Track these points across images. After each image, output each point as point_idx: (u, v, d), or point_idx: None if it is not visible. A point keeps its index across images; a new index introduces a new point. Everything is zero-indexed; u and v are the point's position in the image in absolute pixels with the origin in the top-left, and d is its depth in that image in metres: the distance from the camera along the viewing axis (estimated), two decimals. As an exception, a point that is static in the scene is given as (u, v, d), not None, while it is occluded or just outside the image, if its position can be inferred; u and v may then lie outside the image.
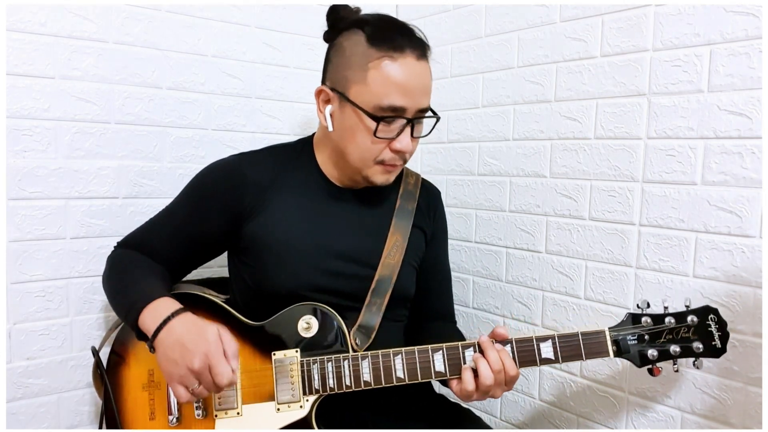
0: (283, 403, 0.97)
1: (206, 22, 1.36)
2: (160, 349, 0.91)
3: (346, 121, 1.01)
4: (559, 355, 0.93)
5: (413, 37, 1.00)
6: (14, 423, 1.18)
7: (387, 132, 0.99)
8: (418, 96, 0.99)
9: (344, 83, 1.00)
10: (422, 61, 0.99)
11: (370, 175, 1.04)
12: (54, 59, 1.18)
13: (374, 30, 0.99)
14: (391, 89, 0.96)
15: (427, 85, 1.01)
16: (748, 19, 0.99)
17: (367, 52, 0.97)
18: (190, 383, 0.88)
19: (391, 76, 0.96)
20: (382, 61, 0.96)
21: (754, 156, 0.99)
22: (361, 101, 0.98)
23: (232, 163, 1.08)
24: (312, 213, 1.07)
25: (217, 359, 0.88)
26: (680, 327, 0.93)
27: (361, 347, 1.02)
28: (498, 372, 0.91)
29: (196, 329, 0.90)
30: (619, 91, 1.16)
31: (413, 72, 0.97)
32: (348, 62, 1.00)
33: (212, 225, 1.06)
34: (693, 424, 1.08)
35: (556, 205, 1.29)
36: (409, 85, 0.97)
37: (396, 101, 0.97)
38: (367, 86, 0.97)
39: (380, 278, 1.06)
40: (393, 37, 0.97)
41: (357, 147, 1.01)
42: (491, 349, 0.92)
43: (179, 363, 0.88)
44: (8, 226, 1.16)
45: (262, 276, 1.04)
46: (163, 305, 0.94)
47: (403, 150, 1.01)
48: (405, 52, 0.97)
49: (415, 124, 1.02)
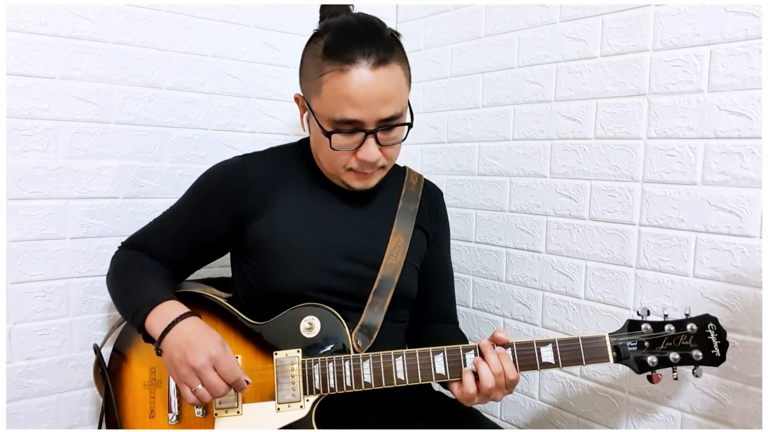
0: (284, 403, 0.97)
1: (206, 22, 1.36)
2: (166, 350, 0.91)
3: (313, 129, 1.02)
4: (559, 359, 0.93)
5: (371, 44, 0.93)
6: (14, 423, 1.18)
7: (347, 144, 0.97)
8: (374, 107, 0.94)
9: (307, 93, 1.01)
10: (381, 68, 0.93)
11: (346, 180, 1.03)
12: (54, 59, 1.18)
13: (330, 40, 0.95)
14: (341, 103, 0.93)
15: (387, 93, 0.95)
16: (748, 19, 0.99)
17: (321, 64, 0.95)
18: (193, 383, 0.88)
19: (341, 90, 0.93)
20: (333, 74, 0.93)
21: (754, 156, 0.99)
22: (318, 113, 0.98)
23: (236, 164, 1.08)
24: (315, 214, 1.07)
25: (223, 357, 0.88)
26: (680, 335, 0.93)
27: (363, 348, 1.02)
28: (498, 375, 0.91)
29: (203, 331, 0.91)
30: (619, 91, 1.16)
31: (367, 83, 0.92)
32: (308, 73, 0.99)
33: (216, 226, 1.06)
34: (693, 424, 1.08)
35: (556, 205, 1.29)
36: (362, 97, 0.93)
37: (348, 115, 0.94)
38: (321, 99, 0.96)
39: (382, 278, 1.06)
40: (345, 47, 0.93)
41: (324, 155, 1.02)
42: (491, 353, 0.92)
43: (183, 361, 0.88)
44: (8, 226, 1.16)
45: (265, 276, 1.05)
46: (171, 308, 0.94)
47: (366, 160, 0.97)
48: (357, 62, 0.92)
49: (382, 133, 0.97)
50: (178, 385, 0.91)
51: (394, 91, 0.96)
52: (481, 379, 0.91)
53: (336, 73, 0.93)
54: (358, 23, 0.98)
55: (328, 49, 0.94)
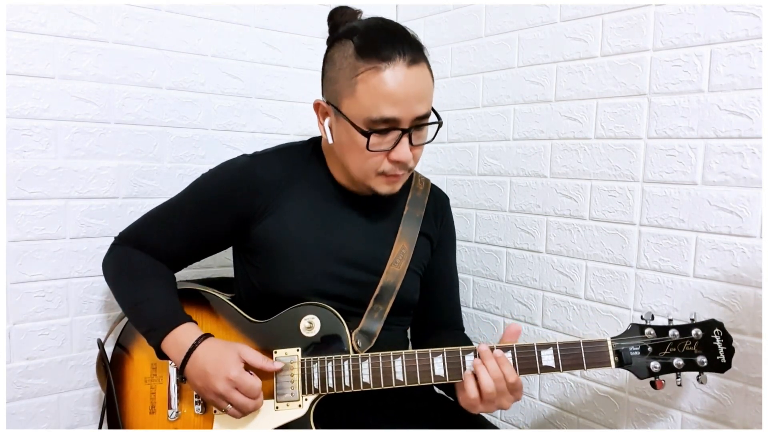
0: (282, 402, 0.97)
1: (206, 22, 1.36)
2: (190, 379, 0.97)
3: (342, 134, 1.00)
4: (560, 363, 0.92)
5: (404, 43, 0.95)
6: (14, 423, 1.18)
7: (382, 144, 0.97)
8: (411, 104, 0.94)
9: (336, 97, 0.99)
10: (415, 67, 0.94)
11: (374, 186, 1.02)
12: (54, 59, 1.18)
13: (361, 40, 0.95)
14: (380, 101, 0.93)
15: (423, 90, 0.96)
16: (748, 19, 0.99)
17: (355, 64, 0.94)
18: (221, 405, 0.94)
19: (379, 88, 0.92)
20: (369, 73, 0.93)
21: (754, 156, 0.99)
22: (352, 115, 0.96)
23: (243, 165, 1.07)
24: (319, 217, 1.06)
25: (241, 378, 0.93)
26: (684, 340, 0.91)
27: (363, 349, 1.02)
28: (498, 380, 0.90)
29: (216, 354, 0.95)
30: (620, 90, 1.16)
31: (404, 80, 0.93)
32: (338, 76, 0.97)
33: (220, 225, 1.06)
34: (693, 424, 1.08)
35: (556, 205, 1.29)
36: (400, 94, 0.93)
37: (387, 113, 0.93)
38: (356, 100, 0.94)
39: (384, 285, 1.06)
40: (380, 46, 0.93)
41: (355, 160, 1.00)
42: (489, 358, 0.91)
43: (207, 389, 0.94)
44: (8, 226, 1.16)
45: (266, 278, 1.05)
46: (184, 335, 0.97)
47: (401, 160, 0.97)
48: (393, 60, 0.92)
49: (414, 132, 0.98)
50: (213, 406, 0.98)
51: (427, 90, 0.98)
52: (481, 384, 0.90)
53: (372, 71, 0.92)
54: (385, 24, 0.99)
55: (361, 48, 0.94)
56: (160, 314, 1.00)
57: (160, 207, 1.10)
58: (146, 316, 1.00)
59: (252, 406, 0.94)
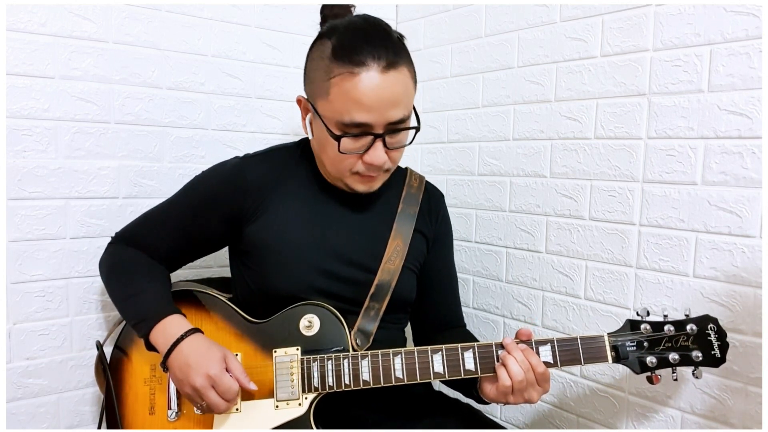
0: (282, 401, 0.98)
1: (206, 22, 1.36)
2: (171, 369, 0.96)
3: (319, 132, 1.00)
4: (558, 359, 0.93)
5: (380, 47, 0.92)
6: (14, 423, 1.18)
7: (355, 147, 0.96)
8: (384, 110, 0.93)
9: (313, 96, 0.99)
10: (391, 71, 0.93)
11: (350, 183, 1.02)
12: (54, 59, 1.18)
13: (338, 41, 0.94)
14: (351, 106, 0.92)
15: (397, 95, 0.94)
16: (748, 19, 0.99)
17: (329, 66, 0.93)
18: (196, 400, 0.95)
19: (351, 93, 0.91)
20: (343, 77, 0.92)
21: (754, 156, 0.99)
22: (326, 116, 0.96)
23: (234, 167, 1.07)
24: (313, 216, 1.07)
25: (220, 377, 0.92)
26: (679, 335, 0.92)
27: (362, 347, 1.03)
28: (527, 370, 0.91)
29: (202, 350, 0.95)
30: (619, 91, 1.16)
31: (377, 86, 0.91)
32: (315, 75, 0.97)
33: (212, 226, 1.07)
34: (693, 424, 1.08)
35: (556, 205, 1.29)
36: (372, 100, 0.92)
37: (358, 118, 0.92)
38: (329, 102, 0.94)
39: (379, 283, 1.06)
40: (355, 49, 0.92)
41: (329, 158, 1.00)
42: (515, 349, 0.92)
43: (185, 382, 0.94)
44: (8, 226, 1.16)
45: (261, 278, 1.05)
46: (173, 325, 0.98)
47: (374, 164, 0.97)
48: (367, 65, 0.91)
49: (389, 136, 0.96)
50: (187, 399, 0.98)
51: (403, 94, 0.96)
52: (510, 374, 0.91)
53: (346, 75, 0.92)
54: (366, 25, 0.97)
55: (337, 51, 0.93)
56: (151, 306, 1.00)
57: (155, 207, 1.11)
58: (137, 308, 1.01)
59: (223, 407, 0.94)
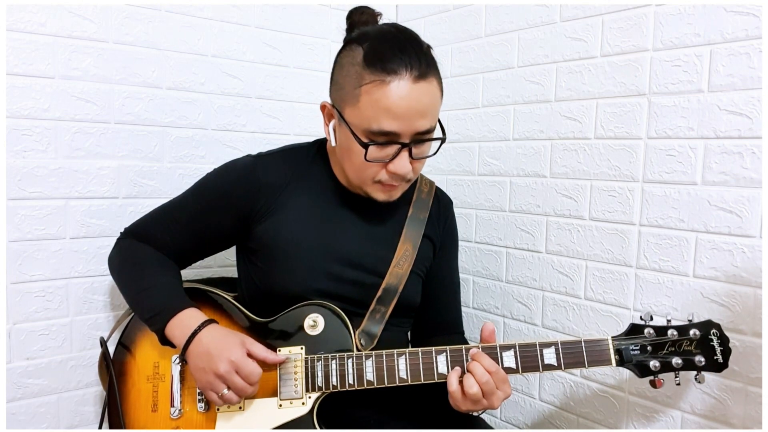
0: (286, 400, 0.98)
1: (206, 22, 1.36)
2: (191, 360, 0.96)
3: (343, 140, 0.99)
4: (561, 361, 0.93)
5: (412, 57, 0.93)
6: (14, 423, 1.18)
7: (381, 156, 0.96)
8: (413, 120, 0.93)
9: (340, 102, 0.98)
10: (421, 82, 0.92)
11: (370, 192, 1.02)
12: (54, 59, 1.18)
13: (370, 49, 0.93)
14: (380, 114, 0.92)
15: (426, 106, 0.94)
16: (748, 19, 0.99)
17: (361, 73, 0.93)
18: (218, 388, 0.93)
19: (382, 101, 0.91)
20: (374, 85, 0.91)
21: (754, 156, 0.99)
22: (353, 123, 0.95)
23: (247, 165, 1.07)
24: (323, 218, 1.07)
25: (243, 361, 0.93)
26: (682, 340, 0.92)
27: (366, 347, 1.03)
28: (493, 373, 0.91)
29: (222, 337, 0.95)
30: (619, 91, 1.16)
31: (407, 96, 0.91)
32: (344, 82, 0.97)
33: (222, 224, 1.07)
34: (693, 424, 1.08)
35: (556, 205, 1.29)
36: (402, 109, 0.91)
37: (386, 126, 0.92)
38: (358, 109, 0.94)
39: (387, 287, 1.06)
40: (388, 58, 0.92)
41: (353, 166, 1.00)
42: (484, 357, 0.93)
43: (206, 369, 0.93)
44: (8, 226, 1.16)
45: (268, 277, 1.05)
46: (189, 317, 0.98)
47: (398, 173, 0.97)
48: (399, 74, 0.91)
49: (415, 146, 0.96)
50: (203, 391, 0.96)
51: (431, 105, 0.95)
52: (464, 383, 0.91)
53: (377, 83, 0.91)
54: (398, 33, 0.97)
55: (369, 58, 0.93)
56: (166, 300, 1.01)
57: (166, 204, 1.11)
58: (151, 302, 1.01)
59: (250, 391, 0.94)
